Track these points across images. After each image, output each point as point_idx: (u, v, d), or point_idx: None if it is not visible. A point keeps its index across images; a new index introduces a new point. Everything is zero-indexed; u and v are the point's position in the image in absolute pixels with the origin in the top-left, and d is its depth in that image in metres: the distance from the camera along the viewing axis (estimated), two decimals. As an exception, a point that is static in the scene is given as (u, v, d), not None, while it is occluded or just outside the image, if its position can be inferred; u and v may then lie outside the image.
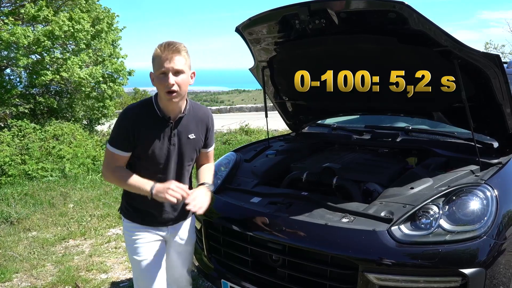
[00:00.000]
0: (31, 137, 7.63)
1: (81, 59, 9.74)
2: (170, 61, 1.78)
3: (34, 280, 3.41)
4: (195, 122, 2.02)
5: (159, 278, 2.05)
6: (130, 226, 2.06)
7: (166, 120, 1.93)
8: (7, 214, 4.76)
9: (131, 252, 2.06)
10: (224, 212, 2.37)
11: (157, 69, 1.82)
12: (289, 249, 2.03)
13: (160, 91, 1.86)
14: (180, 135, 1.97)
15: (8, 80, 10.05)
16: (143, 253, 2.02)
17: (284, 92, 3.18)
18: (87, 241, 4.22)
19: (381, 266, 1.77)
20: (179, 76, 1.81)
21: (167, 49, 1.79)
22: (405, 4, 1.91)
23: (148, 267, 2.02)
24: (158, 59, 1.80)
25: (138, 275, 2.06)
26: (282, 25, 2.44)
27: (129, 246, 2.08)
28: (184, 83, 1.84)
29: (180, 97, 1.86)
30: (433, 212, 1.85)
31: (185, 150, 2.00)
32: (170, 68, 1.78)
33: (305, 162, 2.74)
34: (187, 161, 2.03)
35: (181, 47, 1.82)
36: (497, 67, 2.05)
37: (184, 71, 1.83)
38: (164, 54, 1.78)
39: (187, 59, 1.85)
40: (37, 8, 9.33)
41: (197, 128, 2.03)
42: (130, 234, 2.06)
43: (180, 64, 1.80)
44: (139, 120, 1.90)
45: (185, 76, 1.84)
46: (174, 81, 1.80)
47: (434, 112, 2.63)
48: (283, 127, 7.15)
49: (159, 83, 1.82)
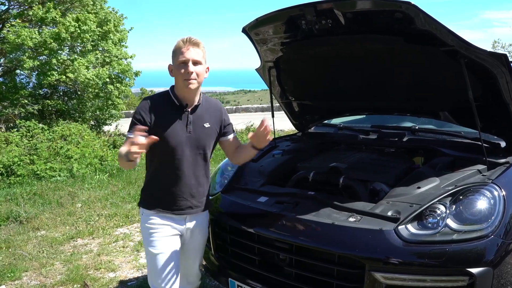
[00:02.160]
0: (39, 138, 7.71)
1: (88, 60, 9.82)
2: (191, 52, 1.98)
3: (43, 278, 3.45)
4: (209, 113, 2.15)
5: (172, 272, 2.09)
6: (149, 219, 2.11)
7: (183, 107, 2.07)
8: (16, 214, 4.81)
9: (147, 244, 2.12)
10: (231, 211, 2.39)
11: (178, 59, 2.00)
12: (296, 248, 2.04)
13: (178, 79, 2.03)
14: (196, 123, 2.09)
15: (19, 82, 10.17)
16: (158, 246, 2.07)
17: (291, 92, 3.20)
18: (95, 240, 4.26)
19: (388, 265, 1.78)
20: (197, 66, 2.01)
21: (189, 41, 2.00)
22: (411, 4, 1.91)
23: (162, 260, 2.07)
24: (179, 50, 2.00)
25: (152, 267, 2.11)
26: (288, 25, 2.45)
27: (145, 238, 2.14)
28: (201, 73, 2.03)
29: (197, 85, 2.02)
30: (440, 211, 1.85)
31: (201, 137, 2.10)
32: (190, 58, 1.98)
33: (311, 161, 2.75)
34: (202, 148, 2.12)
35: (200, 42, 2.03)
36: (504, 66, 2.05)
37: (202, 62, 2.03)
38: (185, 46, 1.99)
39: (204, 53, 2.06)
40: (45, 10, 9.42)
41: (211, 118, 2.15)
42: (147, 227, 2.11)
43: (199, 56, 2.01)
44: (156, 107, 2.05)
45: (202, 67, 2.04)
46: (193, 70, 1.99)
47: (440, 112, 2.63)
48: (289, 127, 7.17)
49: (178, 71, 2.00)
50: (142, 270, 3.54)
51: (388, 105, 2.92)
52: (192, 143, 2.07)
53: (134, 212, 4.97)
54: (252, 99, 62.55)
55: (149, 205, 2.13)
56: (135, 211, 5.02)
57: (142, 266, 3.60)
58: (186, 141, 2.06)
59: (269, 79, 3.05)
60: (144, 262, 3.67)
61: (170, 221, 2.12)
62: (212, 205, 2.33)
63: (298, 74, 3.02)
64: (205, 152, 2.14)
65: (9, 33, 9.02)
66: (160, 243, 2.08)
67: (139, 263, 3.66)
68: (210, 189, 2.33)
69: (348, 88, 2.90)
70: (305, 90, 3.17)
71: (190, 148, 2.07)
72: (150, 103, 2.07)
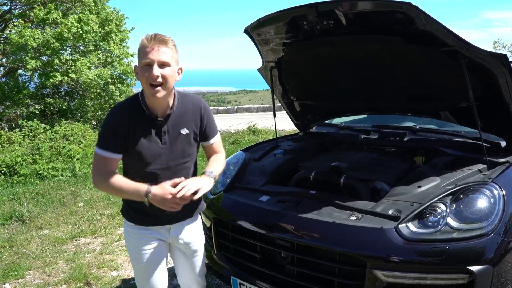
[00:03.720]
0: (42, 137, 7.75)
1: (90, 60, 9.85)
2: (156, 52, 1.69)
3: (46, 277, 3.47)
4: (187, 116, 1.88)
5: (159, 284, 2.01)
6: (131, 230, 1.97)
7: (154, 119, 1.82)
8: (19, 213, 4.84)
9: (132, 257, 2.01)
10: (233, 210, 2.40)
11: (141, 60, 1.71)
12: (298, 246, 2.06)
13: (143, 84, 1.73)
14: (171, 132, 1.85)
15: (21, 82, 10.19)
16: (143, 259, 1.95)
17: (292, 92, 3.21)
18: (97, 239, 4.28)
19: (389, 263, 1.79)
20: (164, 68, 1.71)
21: (154, 39, 1.70)
22: (412, 4, 1.93)
23: (148, 272, 1.98)
24: (143, 50, 1.70)
25: (139, 280, 2.04)
26: (290, 26, 2.47)
27: (129, 250, 2.02)
28: (169, 76, 1.73)
29: (165, 92, 1.74)
30: (440, 210, 1.87)
31: (179, 147, 1.87)
32: (155, 59, 1.69)
33: (313, 161, 2.77)
34: (183, 158, 1.90)
35: (169, 39, 1.73)
36: (504, 66, 2.06)
37: (170, 64, 1.73)
38: (150, 45, 1.69)
39: (175, 53, 1.76)
40: (46, 11, 9.44)
41: (189, 122, 1.89)
42: (130, 239, 1.98)
43: (166, 56, 1.71)
44: (126, 119, 1.79)
45: (171, 69, 1.74)
46: (159, 73, 1.69)
47: (441, 112, 2.64)
48: (290, 127, 7.17)
49: (143, 75, 1.71)
50: (145, 269, 3.56)
51: (389, 105, 2.93)
52: (169, 154, 1.85)
53: (136, 212, 4.99)
54: (254, 99, 62.57)
55: (130, 217, 1.96)
56: (137, 210, 5.05)
57: (145, 265, 3.62)
58: (162, 153, 1.83)
59: (270, 79, 3.07)
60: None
61: (152, 232, 1.95)
62: (204, 207, 2.16)
63: (299, 74, 3.04)
64: (187, 160, 1.92)
65: (12, 33, 9.05)
66: (144, 255, 1.94)
67: (141, 262, 3.68)
68: (213, 188, 2.31)
69: (349, 88, 2.92)
70: (307, 90, 3.19)
71: (167, 160, 1.85)
72: (119, 114, 1.82)
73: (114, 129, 1.78)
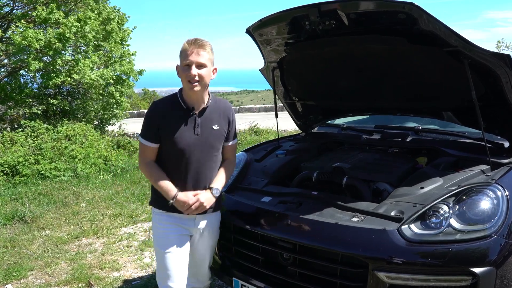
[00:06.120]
0: (44, 138, 7.76)
1: (92, 61, 9.86)
2: (195, 54, 1.97)
3: (48, 277, 3.48)
4: (218, 114, 2.15)
5: (180, 272, 2.12)
6: (159, 218, 2.16)
7: (190, 111, 2.08)
8: (21, 213, 4.85)
9: (156, 242, 2.17)
10: (235, 211, 2.40)
11: (182, 61, 2.00)
12: (300, 247, 2.05)
13: (183, 81, 2.03)
14: (204, 126, 2.10)
15: (23, 82, 10.21)
16: (167, 246, 2.11)
17: (294, 93, 3.21)
18: (99, 239, 4.29)
19: (391, 265, 1.79)
20: (201, 69, 1.99)
21: (194, 44, 1.98)
22: (414, 4, 1.92)
23: (170, 259, 2.10)
24: (185, 52, 1.99)
25: (160, 266, 2.14)
26: (292, 26, 2.46)
27: (155, 236, 2.19)
28: (205, 75, 2.01)
29: (201, 88, 2.01)
30: (443, 211, 1.86)
31: (210, 140, 2.11)
32: (194, 61, 1.97)
33: (315, 161, 2.76)
34: (212, 150, 2.13)
35: (206, 44, 2.01)
36: (507, 66, 2.05)
37: (207, 65, 2.01)
38: (190, 48, 1.98)
39: (211, 55, 2.03)
40: (48, 11, 9.45)
41: (220, 120, 2.15)
42: (158, 226, 2.17)
43: (204, 59, 1.99)
44: (164, 111, 2.08)
45: (207, 69, 2.02)
46: (197, 73, 1.98)
47: (444, 112, 2.63)
48: (292, 127, 7.17)
49: (183, 73, 2.01)
50: (146, 270, 3.56)
51: (391, 105, 2.92)
52: (201, 145, 2.09)
53: (138, 212, 5.00)
54: (255, 99, 62.60)
55: (159, 204, 2.15)
56: (139, 210, 5.05)
57: (146, 266, 3.62)
58: (194, 143, 2.07)
59: (272, 79, 3.06)
60: (148, 262, 3.69)
61: (179, 221, 2.14)
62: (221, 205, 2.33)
63: (301, 75, 3.03)
64: (215, 154, 2.15)
65: (15, 34, 9.05)
66: (169, 242, 2.11)
67: (143, 263, 3.69)
68: None
69: (351, 89, 2.91)
70: (309, 91, 3.18)
71: (199, 150, 2.09)
72: (158, 107, 2.11)
73: (152, 120, 2.08)
